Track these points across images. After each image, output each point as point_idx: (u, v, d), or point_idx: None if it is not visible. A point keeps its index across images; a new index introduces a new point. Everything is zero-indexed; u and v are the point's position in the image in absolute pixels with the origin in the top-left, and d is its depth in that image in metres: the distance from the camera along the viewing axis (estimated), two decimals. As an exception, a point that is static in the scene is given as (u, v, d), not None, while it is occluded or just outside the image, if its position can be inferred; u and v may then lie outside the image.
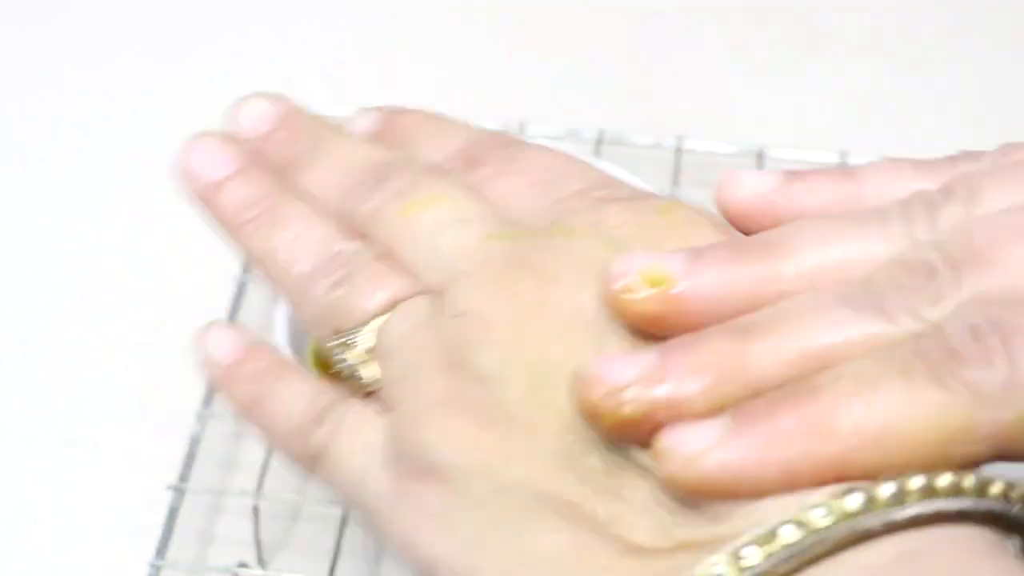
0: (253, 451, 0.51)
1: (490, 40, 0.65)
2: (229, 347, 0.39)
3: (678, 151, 0.57)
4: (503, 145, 0.39)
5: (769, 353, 0.30)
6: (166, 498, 0.48)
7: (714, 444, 0.29)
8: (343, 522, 0.48)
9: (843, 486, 0.28)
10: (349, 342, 0.36)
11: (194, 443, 0.49)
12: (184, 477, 0.48)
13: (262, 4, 0.67)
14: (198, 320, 0.38)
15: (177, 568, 0.47)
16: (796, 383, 0.29)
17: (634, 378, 0.30)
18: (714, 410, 0.29)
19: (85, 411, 0.52)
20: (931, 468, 0.28)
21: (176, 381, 0.52)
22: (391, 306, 0.36)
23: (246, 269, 0.54)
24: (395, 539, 0.34)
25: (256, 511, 0.48)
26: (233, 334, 0.39)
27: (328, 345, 0.36)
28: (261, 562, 0.48)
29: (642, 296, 0.31)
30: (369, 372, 0.36)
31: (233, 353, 0.39)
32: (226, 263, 0.54)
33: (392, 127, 0.41)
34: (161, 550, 0.47)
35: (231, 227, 0.39)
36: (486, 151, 0.39)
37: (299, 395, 0.37)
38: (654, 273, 0.31)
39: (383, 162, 0.39)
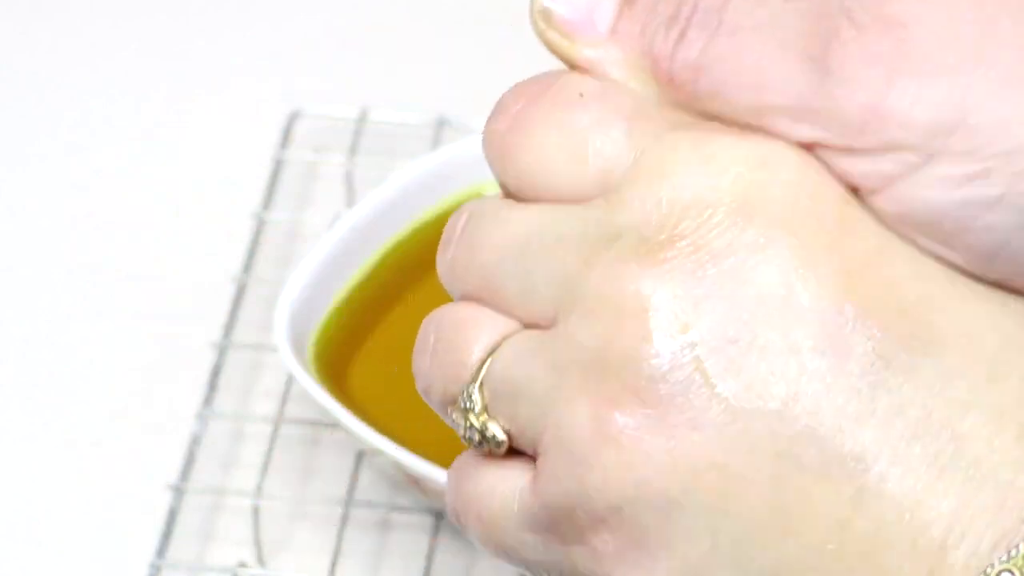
0: (253, 451, 0.51)
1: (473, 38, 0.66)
2: None
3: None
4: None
5: None
6: (166, 498, 0.48)
7: None
8: (343, 522, 0.48)
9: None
10: (465, 406, 0.30)
11: (194, 443, 0.49)
12: (184, 477, 0.49)
13: (262, 4, 0.67)
14: (198, 321, 0.38)
15: (177, 568, 0.47)
16: None
17: None
18: None
19: (85, 411, 0.52)
20: None
21: (176, 381, 0.52)
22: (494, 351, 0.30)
23: (246, 269, 0.54)
24: None
25: (256, 511, 0.48)
26: None
27: (451, 420, 0.31)
28: (261, 562, 0.48)
29: None
30: (495, 429, 0.30)
31: None
32: (226, 263, 0.54)
33: None
34: (161, 550, 0.47)
35: None
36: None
37: None
38: None
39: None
